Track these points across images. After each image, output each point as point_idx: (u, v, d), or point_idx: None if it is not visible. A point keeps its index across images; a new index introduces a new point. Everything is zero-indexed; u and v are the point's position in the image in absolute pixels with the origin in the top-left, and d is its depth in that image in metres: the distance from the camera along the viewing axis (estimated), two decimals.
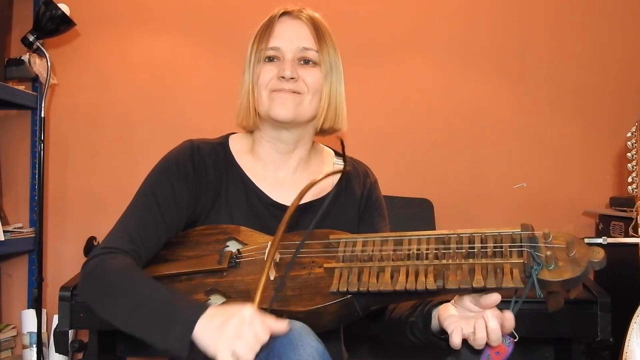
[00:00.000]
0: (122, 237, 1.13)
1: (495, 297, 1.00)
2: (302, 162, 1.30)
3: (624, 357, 1.60)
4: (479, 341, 1.01)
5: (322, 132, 1.30)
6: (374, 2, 2.59)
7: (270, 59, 1.24)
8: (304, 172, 1.31)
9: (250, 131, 1.32)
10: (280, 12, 1.26)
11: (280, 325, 0.94)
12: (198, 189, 1.22)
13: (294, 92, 1.21)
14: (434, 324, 1.13)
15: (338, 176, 1.31)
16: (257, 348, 0.91)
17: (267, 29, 1.24)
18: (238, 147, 1.30)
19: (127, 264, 1.08)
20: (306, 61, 1.24)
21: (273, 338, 0.95)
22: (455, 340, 1.03)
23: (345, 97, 1.29)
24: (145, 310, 1.00)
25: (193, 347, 0.94)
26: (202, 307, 0.97)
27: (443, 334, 1.11)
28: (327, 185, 1.29)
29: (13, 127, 2.53)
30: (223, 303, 1.08)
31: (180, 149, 1.25)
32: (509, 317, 1.01)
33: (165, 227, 1.18)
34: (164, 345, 0.97)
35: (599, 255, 0.96)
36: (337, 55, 1.27)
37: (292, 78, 1.21)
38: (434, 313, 1.13)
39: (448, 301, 1.11)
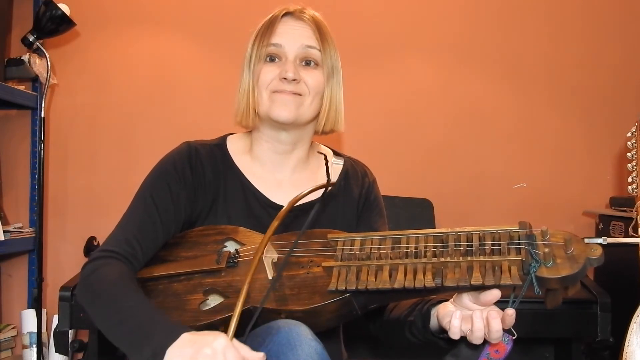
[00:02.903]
0: (120, 240, 1.13)
1: (496, 293, 1.00)
2: (300, 162, 1.30)
3: (624, 357, 1.60)
4: (476, 332, 1.01)
5: (322, 133, 1.30)
6: (374, 2, 2.59)
7: (272, 58, 1.22)
8: (303, 172, 1.30)
9: (249, 131, 1.31)
10: (283, 12, 1.25)
11: (257, 355, 0.91)
12: (196, 190, 1.22)
13: (295, 94, 1.21)
14: (433, 323, 1.13)
15: (337, 175, 1.31)
16: None
17: (269, 27, 1.23)
18: (236, 147, 1.30)
19: (120, 273, 1.06)
20: (308, 62, 1.23)
21: (270, 338, 0.94)
22: (455, 323, 1.02)
23: (343, 99, 1.28)
24: (124, 328, 0.98)
25: None
26: (176, 334, 0.92)
27: (442, 333, 1.11)
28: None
29: (13, 127, 2.53)
30: (220, 304, 1.07)
31: (177, 151, 1.25)
32: (510, 313, 1.00)
33: (163, 229, 1.17)
34: None
35: (597, 252, 0.96)
36: (337, 57, 1.26)
37: (294, 80, 1.20)
38: (433, 312, 1.13)
39: (447, 300, 1.11)
